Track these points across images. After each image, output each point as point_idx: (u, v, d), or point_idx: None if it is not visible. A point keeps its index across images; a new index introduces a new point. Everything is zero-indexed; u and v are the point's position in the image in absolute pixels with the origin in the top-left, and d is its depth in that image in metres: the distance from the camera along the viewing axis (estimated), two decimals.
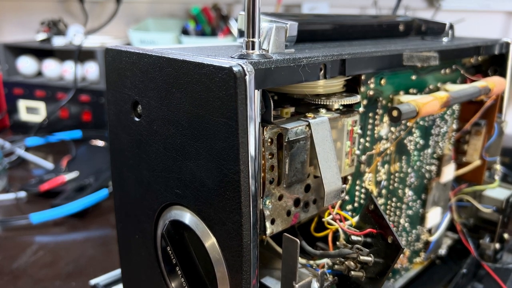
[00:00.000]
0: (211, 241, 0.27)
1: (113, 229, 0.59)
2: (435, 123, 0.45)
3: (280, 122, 0.29)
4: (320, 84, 0.31)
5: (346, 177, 0.36)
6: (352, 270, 0.31)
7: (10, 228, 0.59)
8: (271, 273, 0.32)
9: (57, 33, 1.01)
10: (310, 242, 0.34)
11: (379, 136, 0.38)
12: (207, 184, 0.26)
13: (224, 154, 0.24)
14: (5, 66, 0.99)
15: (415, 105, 0.32)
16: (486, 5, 1.05)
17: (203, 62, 0.24)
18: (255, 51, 0.26)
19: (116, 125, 0.33)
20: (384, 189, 0.41)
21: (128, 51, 0.30)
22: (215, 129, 0.24)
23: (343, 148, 0.33)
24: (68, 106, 0.96)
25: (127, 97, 0.31)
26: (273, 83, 0.25)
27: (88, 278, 0.46)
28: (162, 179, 0.29)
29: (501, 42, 0.46)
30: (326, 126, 0.30)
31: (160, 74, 0.27)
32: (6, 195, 0.67)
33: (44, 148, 0.89)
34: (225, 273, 0.27)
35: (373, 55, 0.32)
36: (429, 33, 0.49)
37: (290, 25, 0.30)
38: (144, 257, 0.34)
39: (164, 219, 0.30)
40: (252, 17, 0.25)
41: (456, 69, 0.45)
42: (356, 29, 0.43)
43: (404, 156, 0.42)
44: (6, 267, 0.50)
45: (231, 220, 0.25)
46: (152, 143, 0.29)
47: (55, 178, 0.70)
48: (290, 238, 0.26)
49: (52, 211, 0.60)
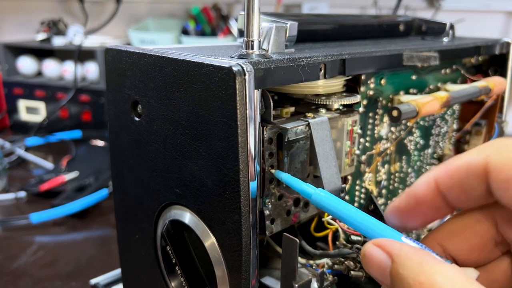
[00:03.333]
0: (210, 240, 0.27)
1: (113, 229, 0.59)
2: (436, 123, 0.45)
3: (280, 122, 0.29)
4: (320, 84, 0.31)
5: (346, 177, 0.36)
6: (352, 270, 0.31)
7: (10, 228, 0.59)
8: (271, 273, 0.32)
9: (57, 33, 1.01)
10: (310, 242, 0.34)
11: (379, 136, 0.38)
12: (207, 184, 0.26)
13: (223, 154, 0.24)
14: (5, 66, 0.99)
15: (415, 105, 0.32)
16: (486, 5, 1.05)
17: (203, 62, 0.24)
18: (254, 51, 0.26)
19: (116, 125, 0.33)
20: (384, 189, 0.41)
21: (128, 51, 0.30)
22: (214, 129, 0.24)
23: (343, 148, 0.33)
24: (68, 106, 0.96)
25: (127, 97, 0.31)
26: (273, 83, 0.25)
27: (88, 278, 0.46)
28: (161, 179, 0.29)
29: (502, 42, 0.46)
30: (326, 126, 0.30)
31: (160, 74, 0.27)
32: (6, 195, 0.67)
33: (44, 148, 0.89)
34: (224, 273, 0.27)
35: (373, 55, 0.32)
36: (429, 33, 0.49)
37: (290, 25, 0.30)
38: (144, 257, 0.34)
39: (164, 218, 0.30)
40: (252, 17, 0.25)
41: (457, 69, 0.45)
42: (356, 29, 0.43)
43: (404, 156, 0.42)
44: (6, 267, 0.50)
45: (231, 220, 0.25)
46: (152, 142, 0.29)
47: (55, 178, 0.70)
48: (289, 237, 0.26)
49: (52, 211, 0.60)
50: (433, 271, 0.17)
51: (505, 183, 0.18)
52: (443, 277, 0.17)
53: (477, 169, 0.19)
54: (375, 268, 0.20)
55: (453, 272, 0.17)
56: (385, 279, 0.20)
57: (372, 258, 0.20)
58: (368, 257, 0.20)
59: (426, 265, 0.18)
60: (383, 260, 0.20)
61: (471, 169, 0.19)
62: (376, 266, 0.20)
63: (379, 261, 0.20)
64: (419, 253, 0.19)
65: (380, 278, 0.20)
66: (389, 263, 0.19)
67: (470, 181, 0.19)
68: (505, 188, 0.18)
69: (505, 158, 0.18)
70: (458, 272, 0.17)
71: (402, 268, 0.18)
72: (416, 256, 0.19)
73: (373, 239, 0.21)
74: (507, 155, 0.18)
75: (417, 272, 0.18)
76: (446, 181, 0.20)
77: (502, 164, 0.18)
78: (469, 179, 0.19)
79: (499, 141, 0.19)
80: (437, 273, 0.17)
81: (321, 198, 0.25)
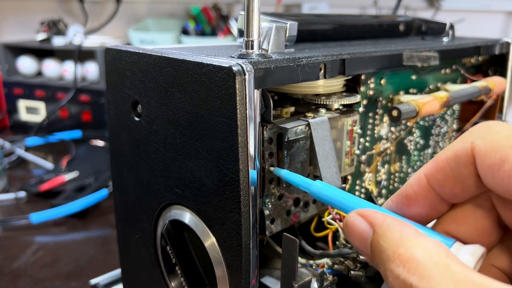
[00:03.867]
0: (210, 240, 0.27)
1: (113, 229, 0.59)
2: (435, 123, 0.45)
3: (280, 121, 0.29)
4: (320, 84, 0.31)
5: (346, 177, 0.36)
6: (352, 269, 0.31)
7: (10, 228, 0.59)
8: (271, 272, 0.32)
9: (57, 33, 1.01)
10: (310, 242, 0.34)
11: (379, 136, 0.38)
12: (207, 184, 0.26)
13: (223, 154, 0.24)
14: (5, 66, 0.99)
15: (415, 105, 0.32)
16: (486, 5, 1.05)
17: (203, 62, 0.24)
18: (254, 50, 0.26)
19: (116, 125, 0.33)
20: (384, 189, 0.41)
21: (128, 51, 0.30)
22: (214, 129, 0.24)
23: (343, 148, 0.33)
24: (68, 106, 0.96)
25: (127, 97, 0.31)
26: (273, 82, 0.25)
27: (88, 278, 0.46)
28: (161, 179, 0.29)
29: (502, 42, 0.46)
30: (326, 125, 0.30)
31: (160, 73, 0.27)
32: (6, 195, 0.67)
33: (44, 148, 0.89)
34: (224, 273, 0.27)
35: (373, 55, 0.32)
36: (429, 33, 0.49)
37: (290, 25, 0.30)
38: (144, 257, 0.34)
39: (164, 218, 0.30)
40: (252, 17, 0.25)
41: (456, 69, 0.45)
42: (356, 29, 0.43)
43: (404, 156, 0.42)
44: (6, 267, 0.50)
45: (231, 220, 0.25)
46: (152, 142, 0.29)
47: (55, 178, 0.70)
48: (289, 237, 0.26)
49: (52, 211, 0.60)
50: (412, 244, 0.17)
51: (490, 168, 0.18)
52: (422, 250, 0.17)
53: (465, 157, 0.19)
54: (357, 238, 0.20)
55: (433, 244, 0.17)
56: (366, 249, 0.19)
57: (355, 227, 0.20)
58: (350, 226, 0.20)
59: (406, 238, 0.18)
60: (364, 230, 0.19)
61: (460, 158, 0.19)
62: (358, 235, 0.20)
63: (361, 231, 0.20)
64: (401, 225, 0.18)
65: (360, 248, 0.20)
66: (370, 233, 0.19)
67: (461, 171, 0.19)
68: (491, 174, 0.18)
69: (489, 143, 0.18)
70: (438, 245, 0.17)
71: (383, 239, 0.18)
72: (398, 228, 0.18)
73: (357, 209, 0.21)
74: (491, 139, 0.18)
75: (396, 244, 0.18)
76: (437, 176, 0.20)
77: (486, 149, 0.18)
78: (460, 169, 0.19)
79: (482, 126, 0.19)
80: (416, 246, 0.17)
81: (320, 188, 0.25)
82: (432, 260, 0.16)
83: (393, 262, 0.17)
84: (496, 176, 0.17)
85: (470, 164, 0.19)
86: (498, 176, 0.17)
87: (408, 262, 0.17)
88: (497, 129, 0.18)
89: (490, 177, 0.18)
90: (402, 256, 0.17)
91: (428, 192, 0.20)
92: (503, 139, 0.18)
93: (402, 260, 0.17)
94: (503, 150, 0.17)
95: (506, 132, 0.18)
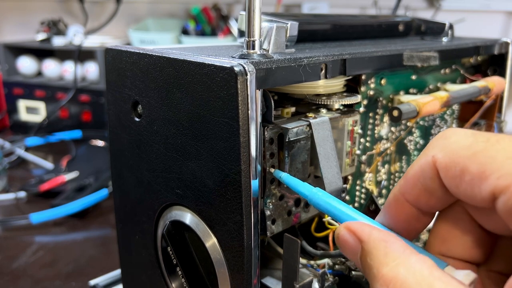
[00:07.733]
0: (212, 241, 0.27)
1: (113, 229, 0.59)
2: (435, 123, 0.45)
3: (281, 122, 0.29)
4: (320, 84, 0.31)
5: (347, 177, 0.36)
6: (353, 270, 0.31)
7: (10, 228, 0.59)
8: (272, 273, 0.32)
9: (57, 33, 1.01)
10: (311, 242, 0.34)
11: (379, 136, 0.38)
12: (208, 184, 0.26)
13: (225, 154, 0.24)
14: (5, 66, 0.99)
15: (415, 105, 0.32)
16: (486, 5, 1.05)
17: (204, 62, 0.24)
18: (255, 51, 0.25)
19: (116, 125, 0.33)
20: (385, 189, 0.41)
21: (128, 51, 0.30)
22: (216, 129, 0.24)
23: (343, 148, 0.33)
24: (68, 106, 0.96)
25: (127, 97, 0.31)
26: (274, 83, 0.25)
27: (88, 278, 0.46)
28: (162, 179, 0.29)
29: (501, 42, 0.46)
30: (326, 126, 0.30)
31: (160, 74, 0.27)
32: (6, 195, 0.67)
33: (44, 148, 0.89)
34: (226, 274, 0.27)
35: (374, 55, 0.32)
36: (428, 33, 0.49)
37: (290, 25, 0.30)
38: (145, 258, 0.34)
39: (164, 219, 0.30)
40: (253, 17, 0.25)
41: (456, 69, 0.45)
42: (356, 29, 0.43)
43: (405, 156, 0.42)
44: (6, 267, 0.50)
45: (232, 220, 0.25)
46: (152, 143, 0.29)
47: (55, 178, 0.70)
48: (291, 238, 0.26)
49: (52, 211, 0.60)
50: (397, 263, 0.17)
51: (453, 179, 0.18)
52: (404, 270, 0.17)
53: (429, 171, 0.19)
54: (348, 252, 0.20)
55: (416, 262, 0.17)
56: (358, 262, 0.20)
57: (344, 242, 0.20)
58: (340, 240, 0.20)
59: (391, 256, 0.18)
60: (354, 246, 0.20)
61: (425, 173, 0.19)
62: (348, 250, 0.20)
63: (350, 246, 0.20)
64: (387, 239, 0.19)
65: (354, 261, 0.20)
66: (359, 248, 0.19)
67: (429, 184, 0.19)
68: (455, 185, 0.18)
69: (449, 155, 0.18)
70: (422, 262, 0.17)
71: (370, 257, 0.18)
72: (383, 244, 0.18)
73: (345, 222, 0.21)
74: (449, 150, 0.18)
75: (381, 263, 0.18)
76: (410, 192, 0.20)
77: (446, 162, 0.18)
78: (427, 182, 0.19)
79: (441, 137, 0.19)
80: (400, 265, 0.17)
81: (318, 198, 0.24)
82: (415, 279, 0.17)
83: (377, 281, 0.18)
84: (460, 186, 0.18)
85: (435, 177, 0.19)
86: (462, 187, 0.18)
87: (391, 282, 0.17)
88: (455, 139, 0.18)
89: (455, 188, 0.18)
90: (386, 277, 0.17)
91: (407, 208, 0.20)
92: (460, 149, 0.18)
93: (385, 280, 0.17)
94: (461, 161, 0.17)
95: (463, 141, 0.18)
